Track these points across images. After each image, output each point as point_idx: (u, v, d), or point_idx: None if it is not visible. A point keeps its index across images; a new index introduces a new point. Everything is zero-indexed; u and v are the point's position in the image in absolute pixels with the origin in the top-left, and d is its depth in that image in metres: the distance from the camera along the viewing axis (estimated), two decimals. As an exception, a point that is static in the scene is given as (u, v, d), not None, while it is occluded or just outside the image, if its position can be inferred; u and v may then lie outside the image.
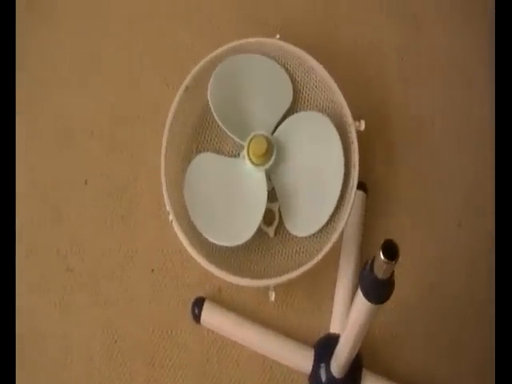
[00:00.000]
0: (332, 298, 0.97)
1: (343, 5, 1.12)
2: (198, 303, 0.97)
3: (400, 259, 0.62)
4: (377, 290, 0.66)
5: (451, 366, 0.96)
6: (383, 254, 0.60)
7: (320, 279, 0.97)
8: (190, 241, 0.92)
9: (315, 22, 1.11)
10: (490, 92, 1.06)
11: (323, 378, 0.91)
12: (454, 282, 0.99)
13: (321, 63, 0.97)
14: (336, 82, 0.95)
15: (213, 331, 0.97)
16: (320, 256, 0.91)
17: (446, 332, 0.97)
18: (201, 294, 0.99)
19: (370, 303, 0.68)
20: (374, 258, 0.63)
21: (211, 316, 0.97)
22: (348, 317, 0.74)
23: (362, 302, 0.69)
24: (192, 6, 1.13)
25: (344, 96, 0.95)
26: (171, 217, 0.93)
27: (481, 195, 1.02)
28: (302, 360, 0.94)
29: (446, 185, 1.03)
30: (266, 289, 0.93)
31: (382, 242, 0.60)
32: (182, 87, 0.97)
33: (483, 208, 1.01)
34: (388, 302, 0.73)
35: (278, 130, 0.98)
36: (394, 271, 0.64)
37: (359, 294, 0.69)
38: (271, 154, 0.96)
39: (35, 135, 1.06)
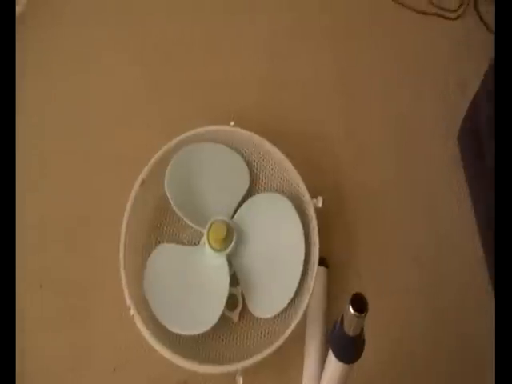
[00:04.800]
0: (301, 376, 0.95)
1: (292, 86, 1.16)
2: (165, 398, 0.92)
3: (366, 330, 0.61)
4: (348, 348, 0.64)
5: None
6: (352, 307, 0.59)
7: (288, 357, 0.95)
8: (153, 333, 0.90)
9: (266, 106, 1.14)
10: (445, 160, 1.10)
11: None
12: (418, 351, 0.97)
13: (275, 145, 0.99)
14: (291, 161, 0.98)
15: (181, 427, 0.92)
16: (285, 336, 0.90)
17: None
18: (166, 389, 0.93)
19: (342, 363, 0.66)
20: (343, 314, 0.62)
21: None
22: (321, 382, 0.71)
23: (334, 364, 0.67)
24: (139, 99, 1.15)
25: (300, 175, 0.97)
26: (132, 311, 0.91)
27: (440, 258, 1.04)
28: None
29: (405, 252, 1.05)
30: (233, 376, 0.90)
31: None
32: (138, 181, 0.98)
33: (444, 272, 1.03)
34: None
35: (237, 213, 0.99)
36: (363, 328, 0.63)
37: (330, 356, 0.67)
38: (231, 238, 0.96)
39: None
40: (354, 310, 0.60)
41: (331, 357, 0.67)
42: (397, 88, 1.17)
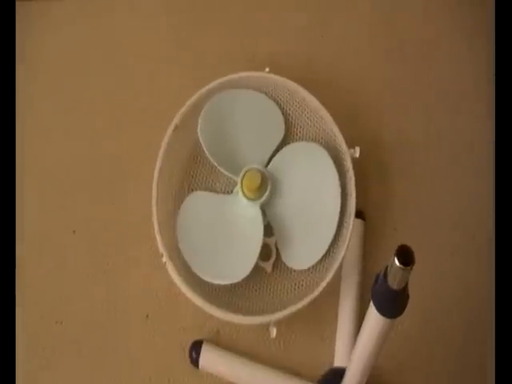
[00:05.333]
0: (335, 330, 0.94)
1: (330, 36, 1.13)
2: (196, 347, 0.93)
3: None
4: (391, 302, 0.62)
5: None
6: (398, 259, 0.56)
7: (321, 311, 0.94)
8: (185, 280, 0.88)
9: (303, 55, 1.11)
10: (482, 116, 1.07)
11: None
12: (451, 309, 0.96)
13: (311, 94, 0.96)
14: (328, 111, 0.95)
15: (212, 374, 0.93)
16: (320, 288, 0.88)
17: (449, 360, 0.94)
18: (198, 337, 0.94)
19: (383, 317, 0.64)
20: (387, 267, 0.59)
21: (210, 359, 0.92)
22: (358, 337, 0.70)
23: (374, 318, 0.65)
24: (177, 45, 1.13)
25: (337, 125, 0.94)
26: (164, 258, 0.89)
27: (476, 221, 1.01)
28: (306, 397, 0.89)
29: (441, 209, 1.02)
30: (266, 327, 0.90)
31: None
32: (171, 126, 0.95)
33: (478, 234, 1.00)
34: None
35: (271, 162, 0.96)
36: (407, 282, 0.61)
37: (371, 309, 0.65)
38: (266, 187, 0.94)
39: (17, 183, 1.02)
40: (400, 262, 0.57)
41: (372, 310, 0.65)
42: (437, 38, 1.14)
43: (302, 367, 0.93)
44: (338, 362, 0.92)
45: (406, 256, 0.57)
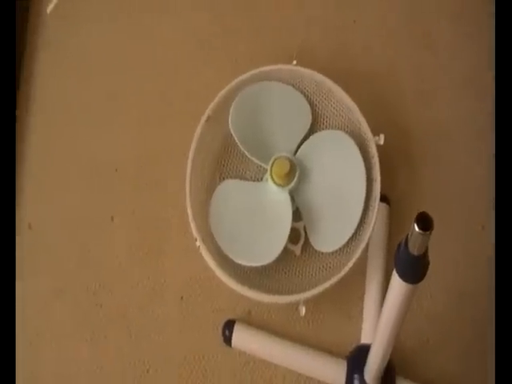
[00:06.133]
0: (361, 310, 0.97)
1: (357, 27, 1.17)
2: (229, 326, 0.96)
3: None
4: (413, 267, 0.65)
5: (484, 370, 0.94)
6: (418, 225, 0.59)
7: (348, 291, 0.98)
8: (218, 263, 0.92)
9: (329, 46, 1.15)
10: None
11: (358, 388, 0.89)
12: (482, 286, 0.97)
13: (337, 84, 0.99)
14: (353, 99, 0.98)
15: (245, 352, 0.96)
16: (347, 268, 0.91)
17: (478, 337, 0.96)
18: (231, 317, 0.98)
19: (406, 283, 0.67)
20: (408, 234, 0.62)
21: (242, 338, 0.96)
22: (383, 306, 0.73)
23: (398, 285, 0.68)
24: (207, 39, 1.18)
25: (362, 113, 0.97)
26: (198, 242, 0.93)
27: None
28: (335, 373, 0.93)
29: (466, 192, 1.04)
30: (295, 307, 0.94)
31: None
32: (204, 117, 0.99)
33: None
34: (417, 308, 0.70)
35: (299, 150, 1.00)
36: (427, 248, 0.64)
37: (394, 277, 0.68)
38: (294, 173, 0.97)
39: (59, 173, 1.10)
40: (420, 228, 0.60)
41: (395, 278, 0.68)
42: (465, 27, 1.16)
43: (331, 344, 0.96)
44: (364, 339, 0.95)
45: (425, 222, 0.60)
